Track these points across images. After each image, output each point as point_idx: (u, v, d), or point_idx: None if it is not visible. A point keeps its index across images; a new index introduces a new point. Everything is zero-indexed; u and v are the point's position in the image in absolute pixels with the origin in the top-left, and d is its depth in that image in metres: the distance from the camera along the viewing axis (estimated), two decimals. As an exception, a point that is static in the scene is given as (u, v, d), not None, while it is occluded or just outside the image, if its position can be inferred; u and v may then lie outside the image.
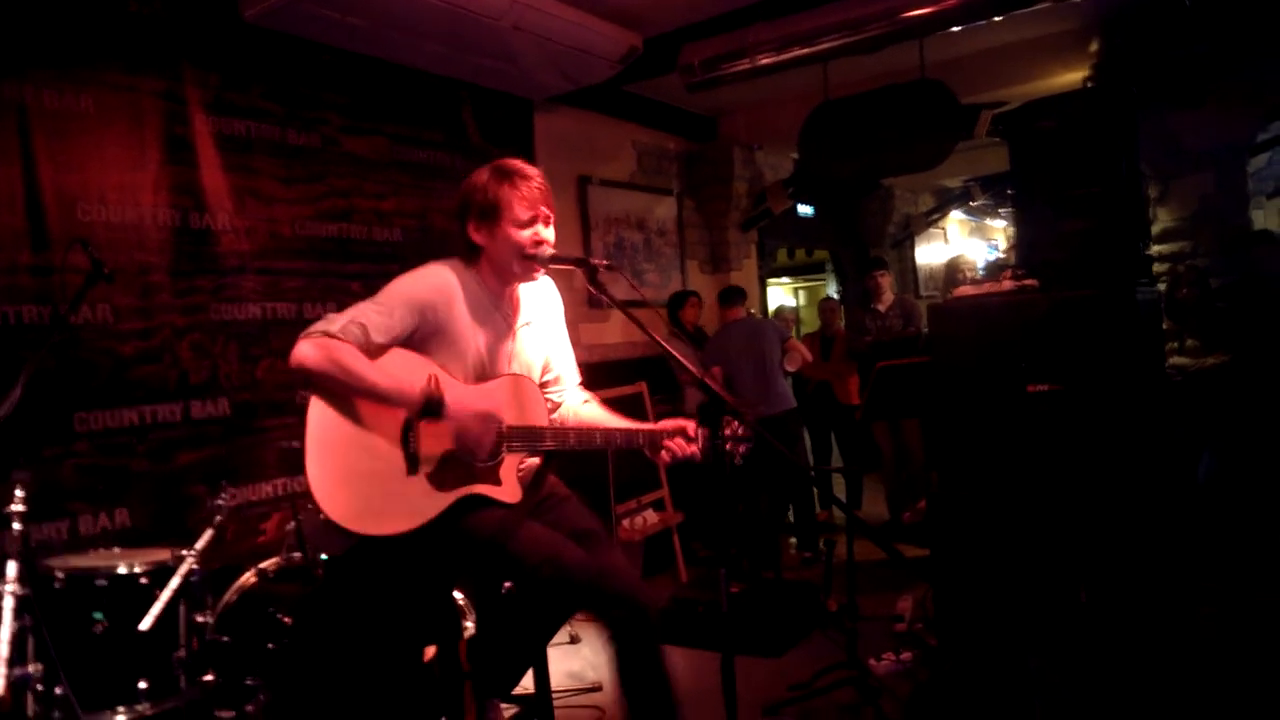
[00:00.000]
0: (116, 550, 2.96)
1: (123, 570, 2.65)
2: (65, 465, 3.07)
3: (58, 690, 2.46)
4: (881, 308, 6.05)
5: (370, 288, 2.26)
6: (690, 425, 2.29)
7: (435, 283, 2.20)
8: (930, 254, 9.93)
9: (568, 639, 4.18)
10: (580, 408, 2.47)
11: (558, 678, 3.53)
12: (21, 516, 2.50)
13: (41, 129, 3.07)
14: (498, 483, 2.24)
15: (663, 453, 2.28)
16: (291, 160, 3.86)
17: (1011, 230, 8.92)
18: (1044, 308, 3.13)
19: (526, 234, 2.21)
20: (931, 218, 9.44)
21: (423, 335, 2.18)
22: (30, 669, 2.42)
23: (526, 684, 2.53)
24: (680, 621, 3.99)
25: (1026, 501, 3.12)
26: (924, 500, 5.34)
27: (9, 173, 2.99)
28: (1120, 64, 4.77)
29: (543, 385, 2.42)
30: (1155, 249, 5.08)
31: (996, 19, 4.05)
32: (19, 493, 2.51)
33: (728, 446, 2.13)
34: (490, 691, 2.43)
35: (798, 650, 3.95)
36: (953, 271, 6.77)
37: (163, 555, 2.75)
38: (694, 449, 2.27)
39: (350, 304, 2.18)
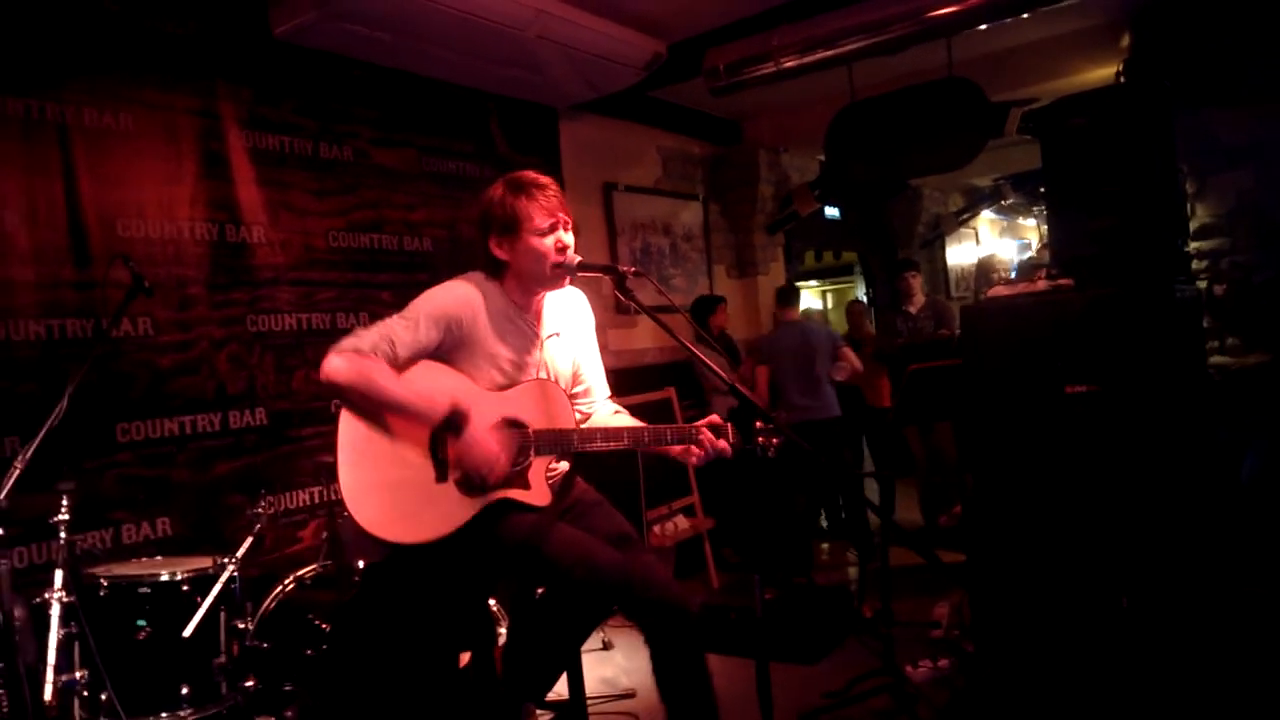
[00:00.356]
0: (159, 558, 3.03)
1: (165, 578, 2.71)
2: (108, 475, 3.13)
3: (103, 696, 2.52)
4: (913, 309, 5.99)
5: (401, 297, 2.30)
6: (715, 419, 2.28)
7: (460, 296, 2.23)
8: (961, 254, 9.82)
9: (601, 645, 4.19)
10: (610, 418, 2.47)
11: (591, 684, 3.53)
12: (67, 526, 2.57)
13: (82, 147, 3.15)
14: (527, 486, 2.25)
15: (693, 450, 2.27)
16: (323, 173, 3.92)
17: (1044, 229, 8.82)
18: (1079, 307, 3.08)
19: (549, 241, 2.23)
20: (962, 218, 9.34)
21: (449, 347, 2.21)
22: (76, 675, 2.48)
23: (560, 690, 2.54)
24: (712, 628, 3.98)
25: (1065, 505, 3.08)
26: (959, 504, 5.28)
27: (51, 190, 3.07)
28: (1152, 59, 4.70)
29: (572, 398, 2.43)
30: (1193, 246, 4.99)
31: (1024, 16, 4.01)
32: (64, 503, 2.58)
33: (759, 440, 2.11)
34: (524, 697, 2.44)
35: (833, 657, 3.91)
36: (985, 271, 6.71)
37: (204, 563, 2.80)
38: (724, 444, 2.26)
39: (382, 314, 2.21)
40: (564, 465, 2.41)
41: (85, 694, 2.51)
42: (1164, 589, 2.92)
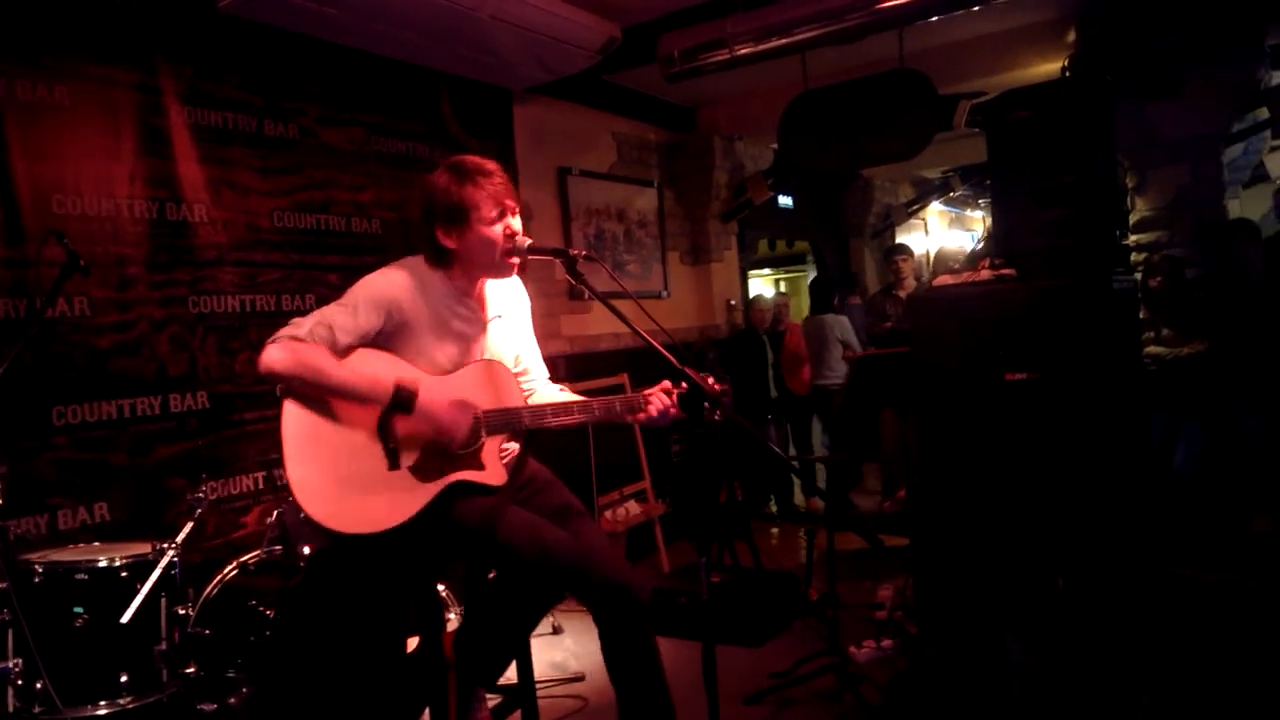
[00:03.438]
0: (96, 544, 2.96)
1: (103, 564, 2.65)
2: (43, 459, 3.04)
3: (38, 684, 2.46)
4: (903, 294, 6.05)
5: (349, 280, 2.26)
6: (667, 384, 2.28)
7: (398, 281, 2.20)
8: (911, 245, 9.95)
9: (550, 629, 4.20)
10: (556, 395, 2.48)
11: (541, 668, 3.54)
12: (0, 511, 2.50)
13: (15, 121, 3.03)
14: (481, 467, 2.25)
15: (643, 411, 2.25)
16: (269, 151, 3.83)
17: (989, 220, 8.99)
18: (1021, 297, 3.16)
19: (498, 229, 2.21)
20: (911, 208, 9.49)
21: (389, 332, 2.18)
22: (10, 664, 2.42)
23: (510, 675, 2.54)
24: (661, 612, 4.01)
25: (1005, 490, 3.16)
26: (904, 489, 5.39)
27: (-18, 165, 2.96)
28: (1097, 54, 4.80)
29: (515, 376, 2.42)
30: (1133, 238, 5.13)
31: (975, 9, 4.07)
32: (-4, 487, 2.51)
33: (706, 406, 2.10)
34: (474, 682, 2.44)
35: (779, 640, 3.98)
36: (942, 262, 6.83)
37: (143, 549, 2.74)
38: (670, 402, 2.24)
39: (329, 297, 2.18)
40: (515, 446, 2.41)
41: (20, 683, 2.45)
42: (1098, 570, 3.02)
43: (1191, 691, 2.85)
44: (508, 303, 2.44)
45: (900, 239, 9.71)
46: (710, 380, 2.11)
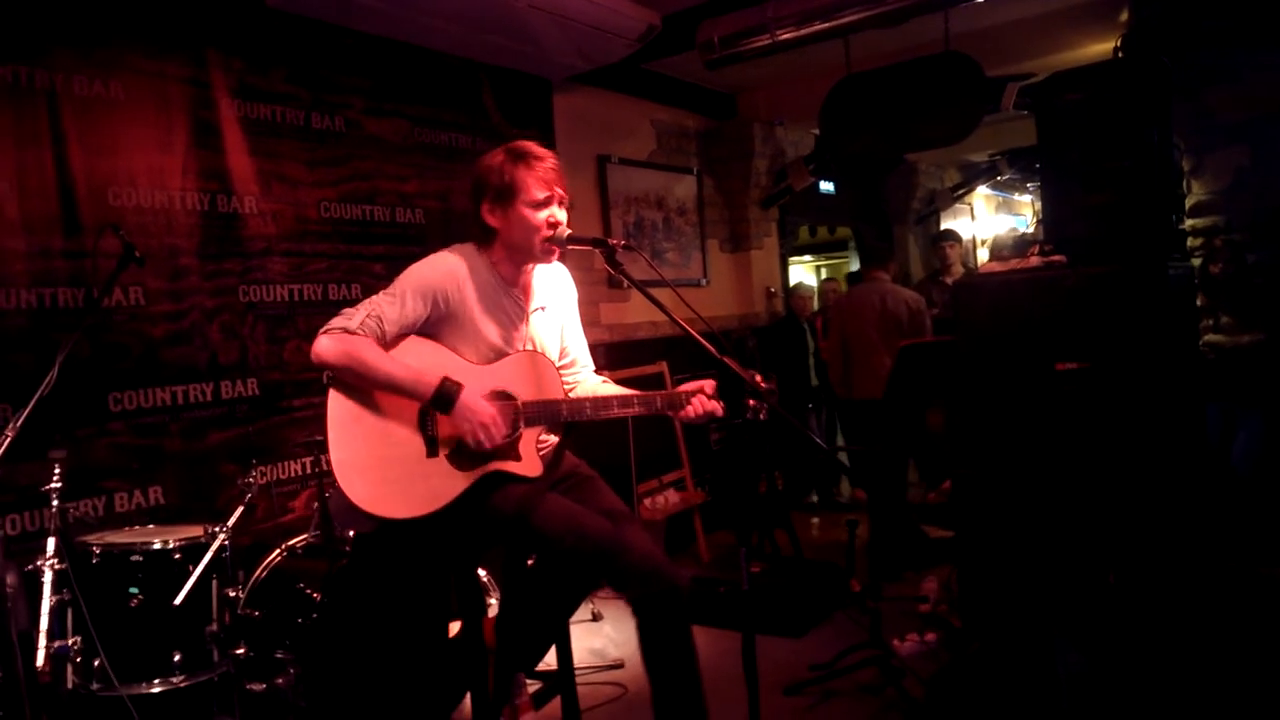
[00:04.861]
0: (151, 527, 3.05)
1: (157, 546, 2.72)
2: (100, 444, 3.14)
3: (95, 662, 2.54)
4: (950, 280, 5.94)
5: (393, 269, 2.30)
6: (710, 384, 2.28)
7: (445, 269, 2.23)
8: (957, 229, 9.79)
9: (590, 616, 4.22)
10: (598, 387, 2.48)
11: (580, 654, 3.57)
12: (59, 494, 2.59)
13: (71, 115, 3.11)
14: (518, 458, 2.26)
15: (685, 409, 2.26)
16: (315, 144, 3.89)
17: (1039, 205, 8.79)
18: (1072, 284, 3.08)
19: (542, 215, 2.22)
20: (957, 193, 9.31)
21: (435, 320, 2.21)
22: (69, 642, 2.50)
23: (549, 660, 2.56)
24: (701, 601, 4.01)
25: (1053, 482, 3.10)
26: (949, 480, 5.31)
27: (41, 159, 3.04)
28: (1151, 35, 4.66)
29: (558, 370, 2.43)
30: (1189, 223, 4.98)
31: (1024, -10, 3.98)
32: (56, 471, 2.60)
33: (750, 403, 2.10)
34: (514, 667, 2.47)
35: (820, 630, 3.96)
36: (997, 249, 6.68)
37: (195, 532, 2.82)
38: (715, 405, 2.25)
39: (374, 286, 2.22)
40: (554, 438, 2.42)
41: (78, 660, 2.53)
42: (1151, 566, 2.94)
43: (1248, 696, 2.77)
44: (553, 294, 2.45)
45: (945, 224, 9.54)
46: (757, 377, 2.09)
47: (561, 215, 2.26)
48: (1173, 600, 2.92)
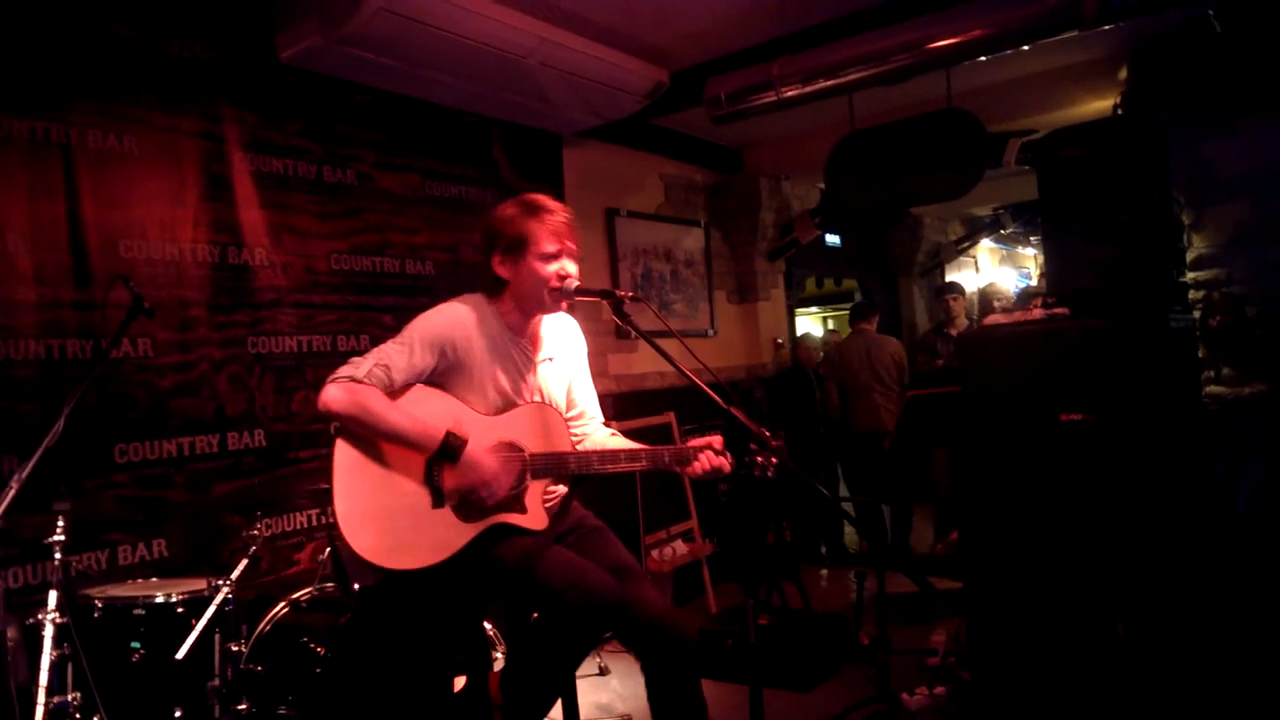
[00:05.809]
0: (154, 580, 3.03)
1: (160, 600, 2.70)
2: (105, 496, 3.13)
3: (95, 719, 2.50)
4: (954, 332, 5.98)
5: (403, 320, 2.31)
6: (718, 440, 2.28)
7: (454, 318, 2.24)
8: (961, 283, 9.84)
9: (596, 670, 4.16)
10: (606, 440, 2.48)
11: (586, 709, 3.51)
12: (62, 547, 2.57)
13: (85, 168, 3.17)
14: (524, 510, 2.26)
15: (693, 465, 2.25)
16: (327, 197, 3.94)
17: (1041, 258, 8.85)
18: (1074, 336, 3.10)
19: (552, 268, 2.25)
20: (961, 246, 9.39)
21: (444, 370, 2.22)
22: (69, 697, 2.46)
23: (555, 716, 2.52)
24: (709, 653, 3.96)
25: (1061, 533, 3.07)
26: (956, 532, 5.27)
27: (54, 211, 3.09)
28: (1150, 91, 4.74)
29: (567, 421, 2.43)
30: (1190, 276, 5.01)
31: (1024, 48, 4.05)
32: (60, 523, 2.58)
33: (759, 459, 2.10)
34: (520, 722, 2.43)
35: (828, 684, 3.90)
36: (987, 300, 6.73)
37: (199, 585, 2.80)
38: (722, 461, 2.24)
39: (383, 337, 2.23)
40: (561, 489, 2.42)
41: (77, 716, 2.49)
42: (1159, 616, 2.91)
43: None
44: (561, 345, 2.46)
45: (950, 277, 9.60)
46: (767, 434, 2.08)
47: (572, 268, 2.29)
48: (1181, 651, 2.87)
